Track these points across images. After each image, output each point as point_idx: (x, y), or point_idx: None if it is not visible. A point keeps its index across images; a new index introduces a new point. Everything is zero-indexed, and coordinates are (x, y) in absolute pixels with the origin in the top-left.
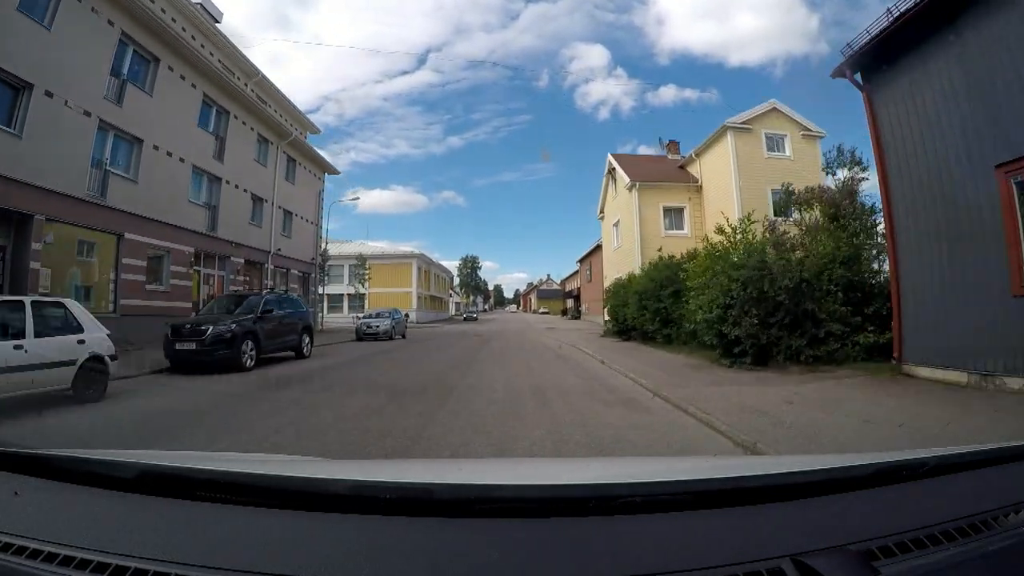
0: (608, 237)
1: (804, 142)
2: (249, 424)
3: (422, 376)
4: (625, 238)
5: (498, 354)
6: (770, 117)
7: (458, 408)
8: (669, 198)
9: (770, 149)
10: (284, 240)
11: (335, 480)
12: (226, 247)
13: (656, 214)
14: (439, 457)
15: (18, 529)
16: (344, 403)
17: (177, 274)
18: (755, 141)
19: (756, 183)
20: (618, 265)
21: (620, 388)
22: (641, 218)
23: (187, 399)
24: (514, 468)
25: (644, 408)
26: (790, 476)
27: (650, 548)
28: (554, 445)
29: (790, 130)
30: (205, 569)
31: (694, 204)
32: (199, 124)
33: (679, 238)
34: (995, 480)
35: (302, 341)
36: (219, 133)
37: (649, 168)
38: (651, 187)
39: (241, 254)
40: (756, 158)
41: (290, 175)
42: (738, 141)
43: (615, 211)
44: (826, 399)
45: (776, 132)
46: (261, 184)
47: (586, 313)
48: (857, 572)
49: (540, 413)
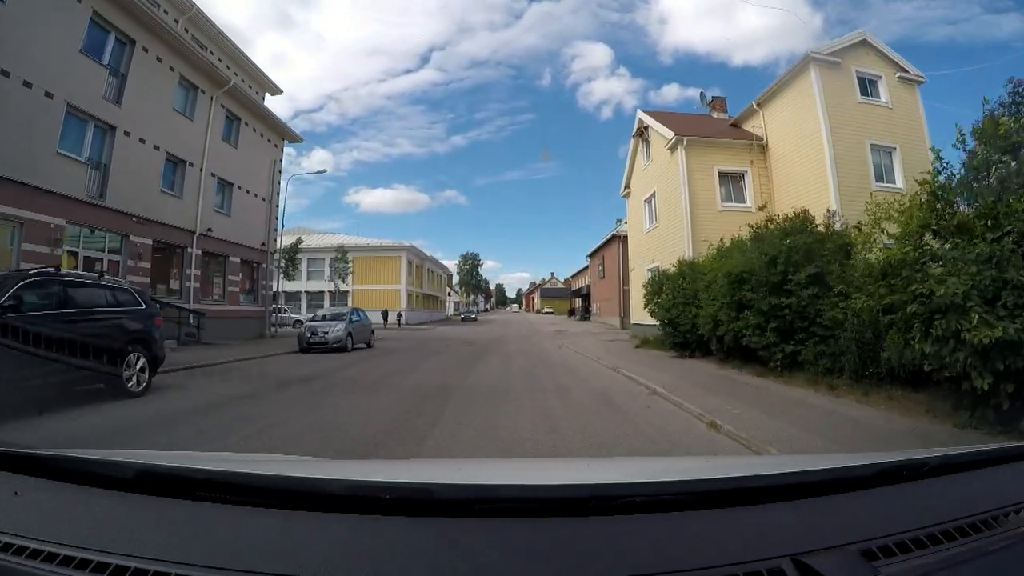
0: (636, 217)
1: (902, 87)
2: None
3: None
4: (664, 215)
5: (493, 387)
6: (858, 53)
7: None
8: (725, 159)
9: (863, 93)
10: (219, 218)
11: (335, 480)
12: (121, 221)
13: (709, 180)
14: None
15: (18, 529)
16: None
17: (33, 255)
18: (845, 80)
19: (850, 137)
20: (653, 251)
21: None
22: (690, 185)
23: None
24: (514, 468)
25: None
26: (790, 476)
27: (650, 548)
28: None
29: (884, 70)
30: (205, 569)
31: (758, 168)
32: (86, 50)
33: (739, 212)
34: (995, 480)
35: (124, 363)
36: (117, 67)
37: (695, 124)
38: (702, 144)
39: (146, 232)
40: (847, 103)
41: (231, 136)
42: (824, 79)
43: (648, 182)
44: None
45: (868, 72)
46: (182, 142)
47: (597, 314)
48: (857, 572)
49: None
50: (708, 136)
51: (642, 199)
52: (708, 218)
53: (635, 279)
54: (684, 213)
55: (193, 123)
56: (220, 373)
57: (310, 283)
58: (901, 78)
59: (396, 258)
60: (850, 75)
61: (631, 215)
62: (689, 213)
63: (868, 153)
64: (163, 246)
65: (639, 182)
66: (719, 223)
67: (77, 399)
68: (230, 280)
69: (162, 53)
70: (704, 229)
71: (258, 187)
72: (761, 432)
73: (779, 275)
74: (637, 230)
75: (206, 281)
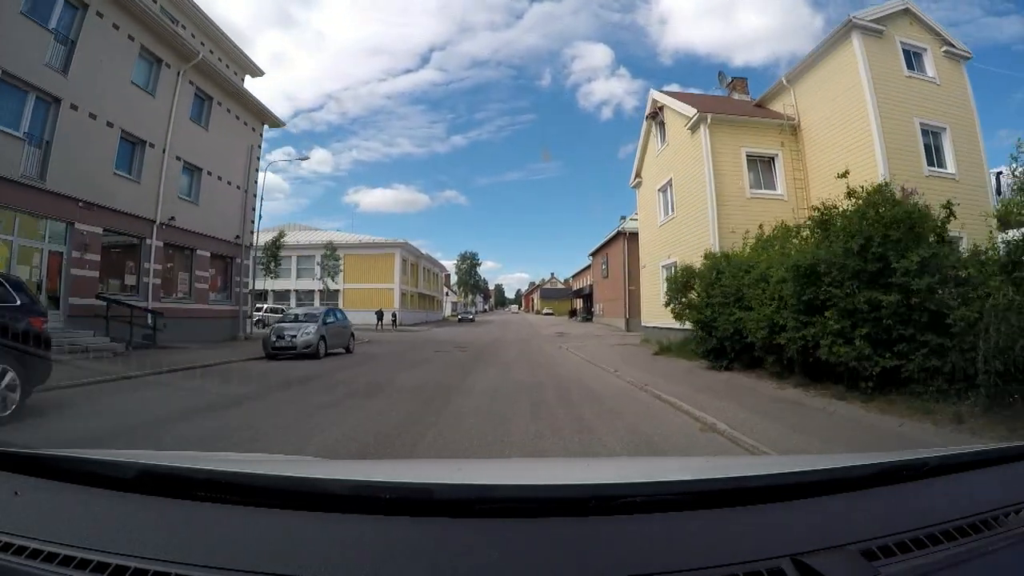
0: (649, 209)
1: (948, 63)
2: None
3: None
4: (683, 204)
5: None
6: (901, 22)
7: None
8: (755, 141)
9: (908, 67)
10: (185, 206)
11: (335, 480)
12: (65, 207)
13: (737, 164)
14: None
15: (18, 529)
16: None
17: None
18: (890, 52)
19: (899, 114)
20: (668, 245)
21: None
22: (716, 169)
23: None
24: (514, 468)
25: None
26: (790, 476)
27: (650, 548)
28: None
29: (929, 43)
30: (205, 569)
31: (789, 151)
32: (28, 12)
33: (770, 200)
34: (995, 480)
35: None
36: (67, 33)
37: (716, 104)
38: (728, 123)
39: (96, 220)
40: (894, 77)
41: (201, 116)
42: (868, 48)
43: (663, 169)
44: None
45: (913, 43)
46: (141, 120)
47: (600, 315)
48: (857, 572)
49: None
50: (733, 114)
51: (656, 188)
52: (735, 206)
53: (646, 277)
54: (709, 201)
55: (155, 100)
56: (142, 388)
57: (300, 281)
58: (947, 52)
59: (389, 255)
60: (894, 46)
61: (642, 207)
62: (715, 201)
63: (919, 133)
64: (117, 236)
65: (653, 169)
66: (747, 212)
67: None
68: (198, 276)
69: (120, 20)
70: (731, 219)
71: (232, 174)
72: None
73: (874, 263)
74: (650, 223)
75: (169, 277)
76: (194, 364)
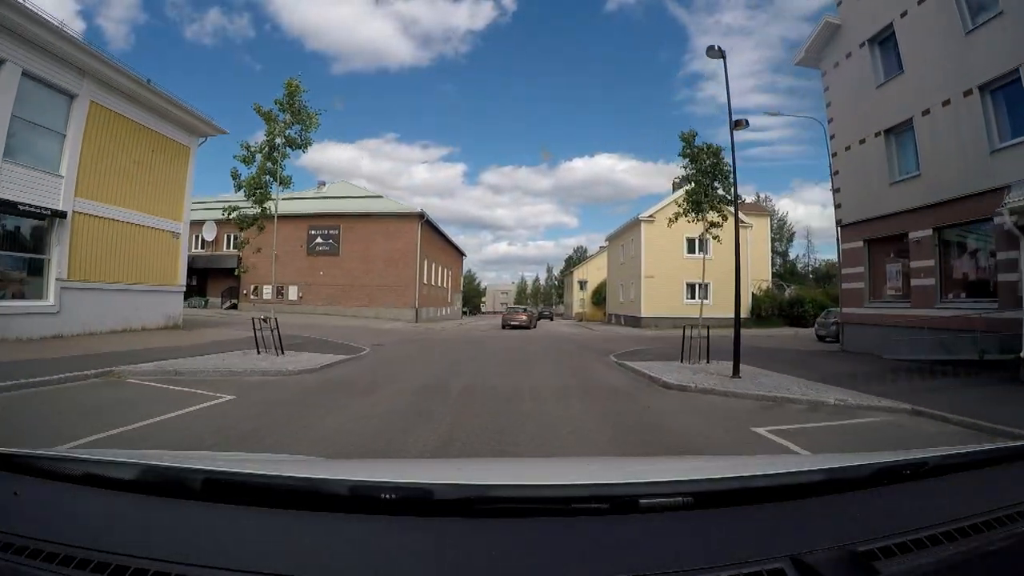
0: None
1: None
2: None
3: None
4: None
5: None
6: None
7: None
8: None
9: None
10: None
11: (335, 480)
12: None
13: None
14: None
15: (18, 529)
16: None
17: None
18: None
19: None
20: None
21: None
22: None
23: None
24: (515, 468)
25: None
26: (790, 476)
27: (650, 548)
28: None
29: None
30: (205, 569)
31: None
32: None
33: None
34: (995, 480)
35: None
36: None
37: None
38: None
39: None
40: None
41: None
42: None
43: None
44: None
45: None
46: None
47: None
48: (857, 572)
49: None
50: None
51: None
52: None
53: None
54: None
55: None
56: None
57: None
58: None
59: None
60: None
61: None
62: None
63: None
64: None
65: None
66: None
67: None
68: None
69: None
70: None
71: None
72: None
73: None
74: None
75: None
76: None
